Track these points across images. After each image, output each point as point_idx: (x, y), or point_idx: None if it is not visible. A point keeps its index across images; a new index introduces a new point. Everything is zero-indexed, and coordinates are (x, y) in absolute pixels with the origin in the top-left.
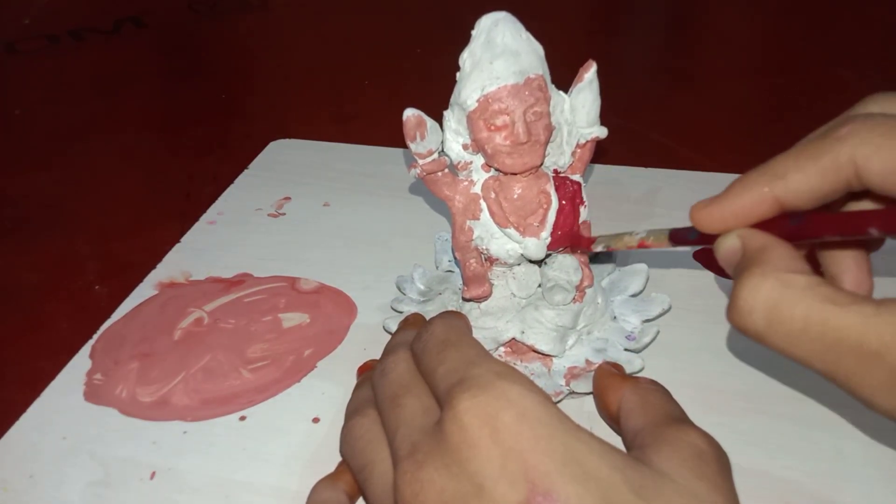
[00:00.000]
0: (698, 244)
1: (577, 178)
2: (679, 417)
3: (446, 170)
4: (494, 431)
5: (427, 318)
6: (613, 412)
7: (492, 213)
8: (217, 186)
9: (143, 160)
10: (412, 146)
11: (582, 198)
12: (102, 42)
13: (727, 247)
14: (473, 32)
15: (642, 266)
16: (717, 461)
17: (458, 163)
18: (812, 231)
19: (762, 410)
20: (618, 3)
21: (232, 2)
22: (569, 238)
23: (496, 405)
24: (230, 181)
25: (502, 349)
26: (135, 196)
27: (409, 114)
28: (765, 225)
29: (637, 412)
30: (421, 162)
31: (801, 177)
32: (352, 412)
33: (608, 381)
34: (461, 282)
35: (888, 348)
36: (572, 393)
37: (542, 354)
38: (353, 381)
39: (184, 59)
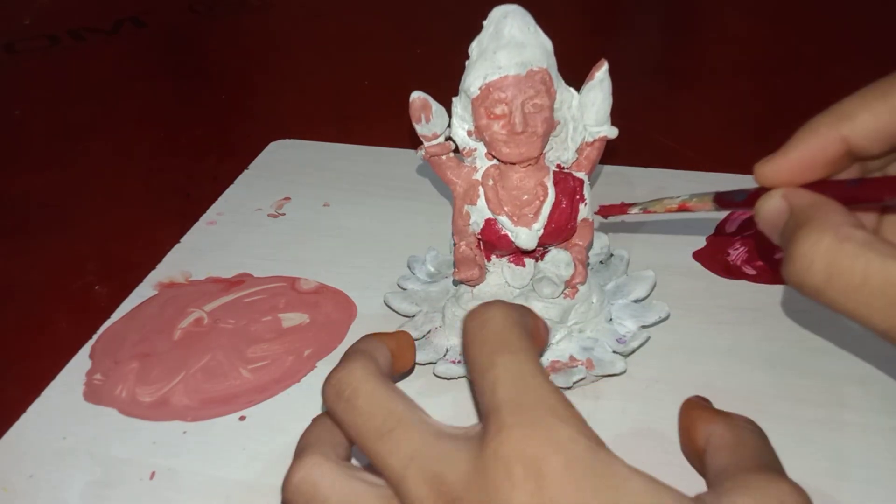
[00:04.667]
0: (744, 207)
1: (580, 175)
2: (770, 465)
3: (451, 154)
4: (540, 476)
5: (422, 303)
6: (700, 446)
7: (487, 200)
8: (217, 186)
9: (143, 160)
10: (417, 128)
11: (583, 195)
12: (102, 42)
13: (770, 208)
14: (485, 23)
15: (649, 273)
16: None
17: (464, 149)
18: (870, 194)
19: (762, 410)
20: (618, 2)
21: (232, 2)
22: (563, 233)
23: (546, 449)
24: (230, 181)
25: None
26: (135, 196)
27: (416, 96)
28: (818, 186)
29: (726, 451)
30: (426, 144)
31: (869, 116)
32: (299, 452)
33: (698, 412)
34: None
35: None
36: None
37: None
38: None
39: (184, 59)
